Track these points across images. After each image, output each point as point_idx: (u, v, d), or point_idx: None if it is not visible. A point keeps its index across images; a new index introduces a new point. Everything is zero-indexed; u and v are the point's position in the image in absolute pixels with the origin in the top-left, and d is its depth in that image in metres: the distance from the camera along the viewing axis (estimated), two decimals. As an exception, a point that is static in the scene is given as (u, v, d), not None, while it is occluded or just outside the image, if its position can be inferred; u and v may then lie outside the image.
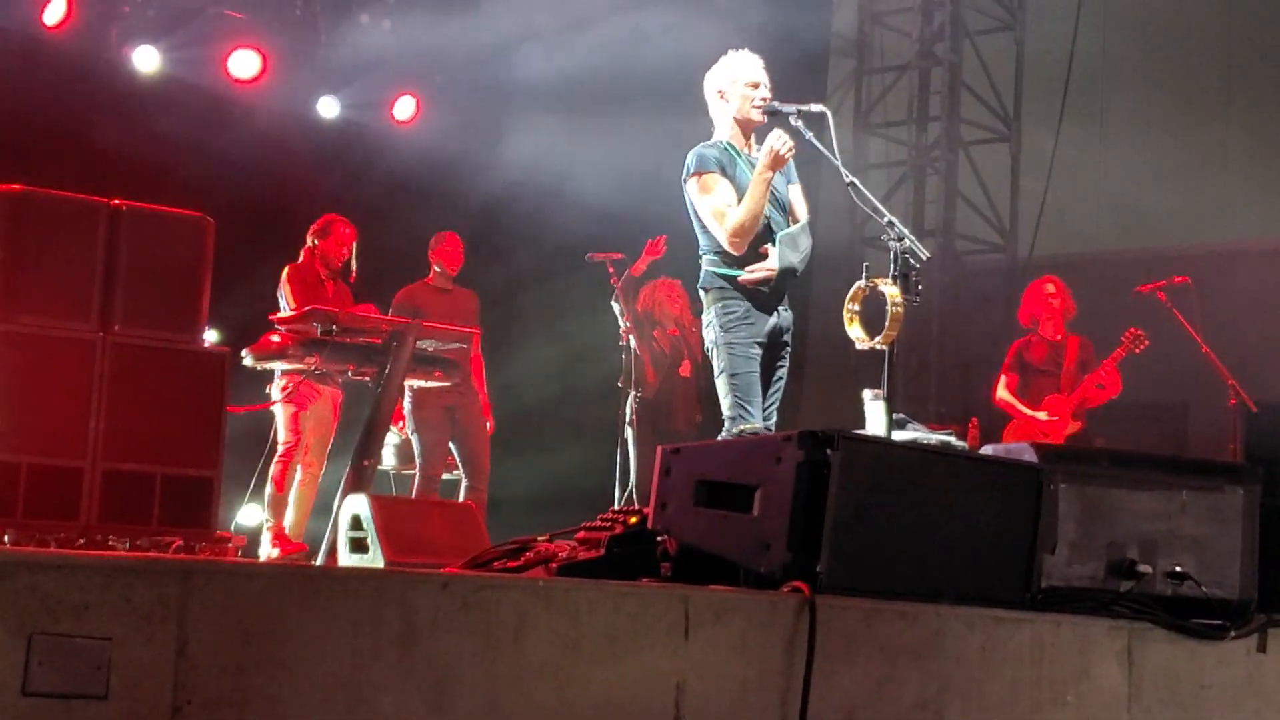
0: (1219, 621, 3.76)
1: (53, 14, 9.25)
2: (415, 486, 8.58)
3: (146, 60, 9.68)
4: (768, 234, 5.83)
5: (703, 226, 5.89)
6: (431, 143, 10.91)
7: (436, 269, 8.73)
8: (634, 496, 8.65)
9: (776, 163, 5.75)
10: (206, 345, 6.91)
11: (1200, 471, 3.93)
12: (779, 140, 5.72)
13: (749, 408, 5.71)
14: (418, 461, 8.57)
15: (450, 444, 8.59)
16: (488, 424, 8.72)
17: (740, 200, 5.78)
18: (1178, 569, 3.76)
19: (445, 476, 8.73)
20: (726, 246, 5.80)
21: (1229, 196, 13.36)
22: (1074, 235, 13.41)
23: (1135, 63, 13.66)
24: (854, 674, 3.42)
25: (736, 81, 5.94)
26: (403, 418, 8.47)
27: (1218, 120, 13.48)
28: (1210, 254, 12.44)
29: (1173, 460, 4.03)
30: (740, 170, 5.87)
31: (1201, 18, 13.53)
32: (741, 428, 5.67)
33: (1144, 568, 3.74)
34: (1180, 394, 11.28)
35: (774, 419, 5.88)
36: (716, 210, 5.79)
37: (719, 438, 5.75)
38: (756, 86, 5.96)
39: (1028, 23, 14.03)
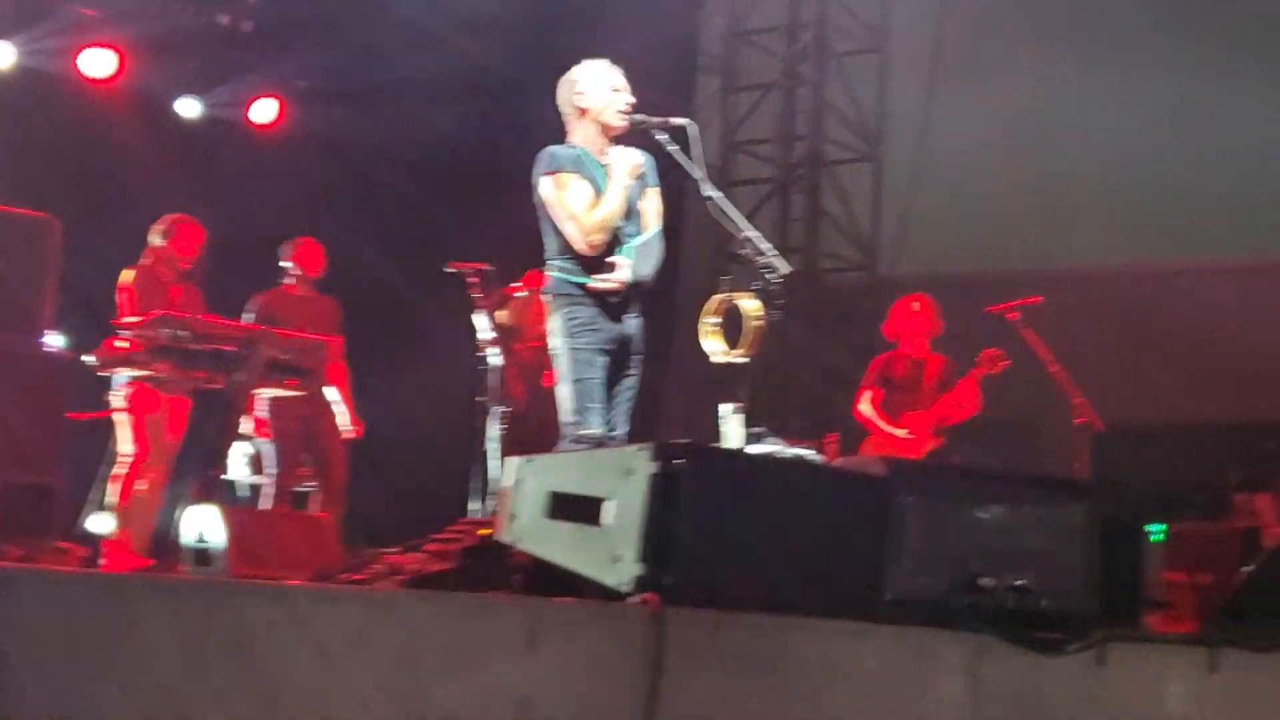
0: (1060, 635, 3.80)
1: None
2: (267, 497, 8.41)
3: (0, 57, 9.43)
4: (616, 243, 5.80)
5: (552, 229, 5.83)
6: (292, 146, 10.76)
7: (295, 275, 8.55)
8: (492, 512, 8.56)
9: (634, 173, 5.75)
10: (49, 349, 6.73)
11: (1044, 487, 3.98)
12: (632, 157, 5.75)
13: (590, 415, 5.66)
14: (270, 472, 8.41)
15: (305, 455, 8.44)
16: (355, 429, 8.57)
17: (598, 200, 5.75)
18: (1021, 583, 3.79)
19: (299, 488, 8.57)
20: (583, 246, 5.74)
21: (1081, 218, 13.64)
22: (934, 255, 13.58)
23: (996, 87, 13.87)
24: (700, 686, 3.40)
25: (600, 86, 5.90)
26: (261, 426, 8.30)
27: (1077, 143, 13.75)
28: (1063, 275, 12.69)
29: (1018, 476, 4.07)
30: (594, 177, 5.84)
31: (1063, 39, 13.77)
32: (581, 433, 5.62)
33: (988, 581, 3.77)
34: (1031, 413, 11.45)
35: (621, 428, 5.82)
36: (572, 210, 5.74)
37: (558, 446, 5.69)
38: (618, 91, 5.94)
39: (891, 45, 14.21)
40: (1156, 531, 5.26)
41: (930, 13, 13.38)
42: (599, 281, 5.72)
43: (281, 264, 8.55)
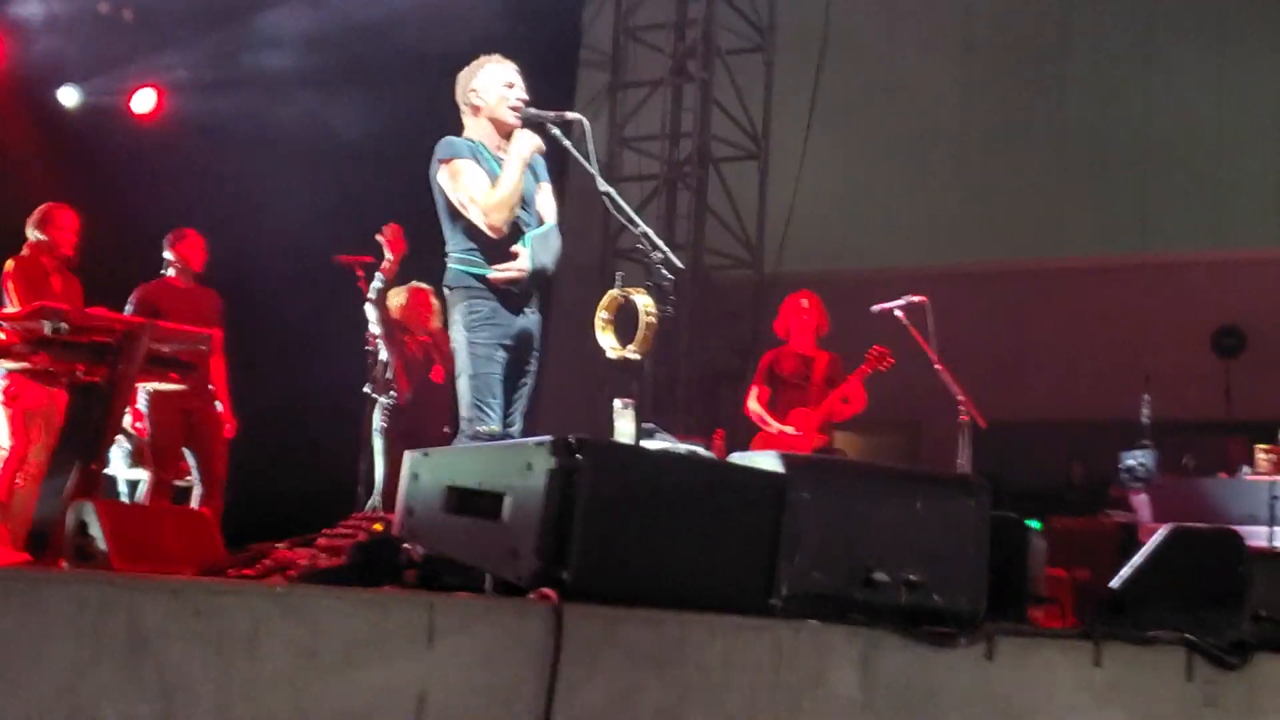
0: (951, 630, 3.85)
1: None
2: (146, 492, 8.27)
3: None
4: (517, 234, 5.79)
5: (452, 218, 5.80)
6: (172, 136, 10.60)
7: (177, 266, 8.41)
8: (379, 505, 8.49)
9: (534, 152, 5.75)
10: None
11: (935, 483, 4.03)
12: (532, 137, 5.76)
13: (487, 410, 5.65)
14: (150, 466, 8.27)
15: (185, 449, 8.31)
16: (228, 427, 8.46)
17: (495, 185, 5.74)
18: (913, 578, 3.84)
19: (179, 483, 8.44)
20: (485, 227, 5.72)
21: (964, 218, 13.88)
22: (818, 253, 13.75)
23: (877, 87, 14.09)
24: (597, 682, 3.40)
25: (492, 82, 5.91)
26: (139, 420, 8.16)
27: (955, 143, 13.98)
28: (945, 274, 12.89)
29: (910, 472, 4.12)
30: (490, 167, 5.83)
31: (941, 43, 14.02)
32: (479, 429, 5.60)
33: (881, 576, 3.81)
34: (913, 411, 11.63)
35: (518, 425, 5.83)
36: (471, 194, 5.71)
37: (456, 441, 5.68)
38: (511, 87, 5.94)
39: (777, 45, 14.34)
40: (1033, 527, 5.36)
41: (816, 12, 13.52)
42: (499, 271, 5.71)
43: (164, 255, 8.41)
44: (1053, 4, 13.83)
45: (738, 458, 4.17)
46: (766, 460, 3.93)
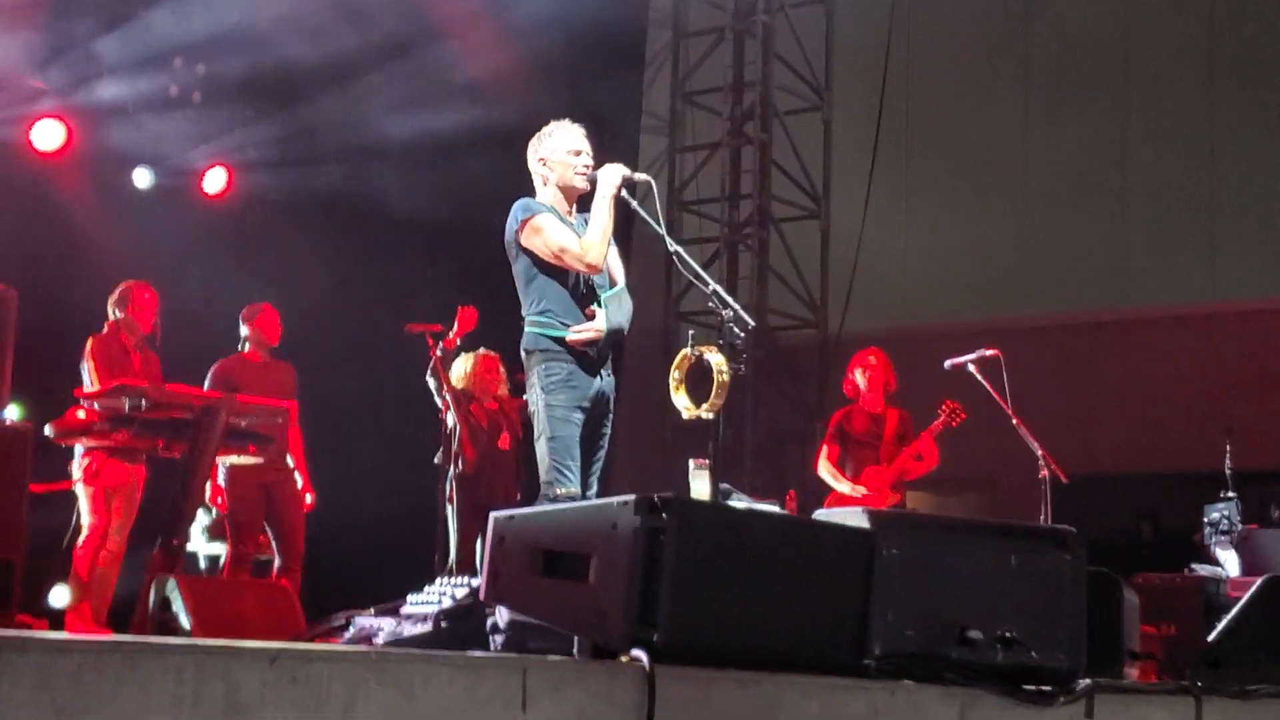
0: (1048, 687, 3.79)
1: None
2: (226, 566, 8.31)
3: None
4: (592, 295, 5.81)
5: (529, 281, 5.82)
6: (242, 214, 10.75)
7: (254, 341, 8.49)
8: (453, 573, 8.49)
9: (621, 184, 5.77)
10: (7, 422, 6.65)
11: (1028, 537, 3.98)
12: (617, 169, 5.79)
13: (567, 471, 5.63)
14: (229, 540, 8.31)
15: (264, 522, 8.36)
16: (308, 498, 8.51)
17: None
18: (1008, 634, 3.78)
19: (259, 556, 8.48)
20: (584, 268, 5.74)
21: (1028, 271, 13.79)
22: (883, 310, 13.71)
23: (937, 141, 14.08)
24: (692, 745, 3.37)
25: (559, 149, 5.93)
26: (219, 494, 8.21)
27: (1017, 195, 13.94)
28: (1011, 327, 12.80)
29: (1001, 526, 4.07)
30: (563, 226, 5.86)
31: (1001, 95, 13.99)
32: (559, 492, 5.58)
33: (975, 633, 3.76)
34: (987, 466, 11.53)
35: (594, 489, 5.80)
36: (562, 242, 5.74)
37: (537, 503, 5.66)
38: (579, 154, 5.96)
39: (834, 103, 14.37)
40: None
41: (874, 69, 13.54)
42: (577, 333, 5.72)
43: (240, 331, 8.50)
44: (1112, 51, 13.78)
45: (820, 515, 4.14)
46: (851, 518, 3.90)
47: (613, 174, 5.80)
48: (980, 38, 14.11)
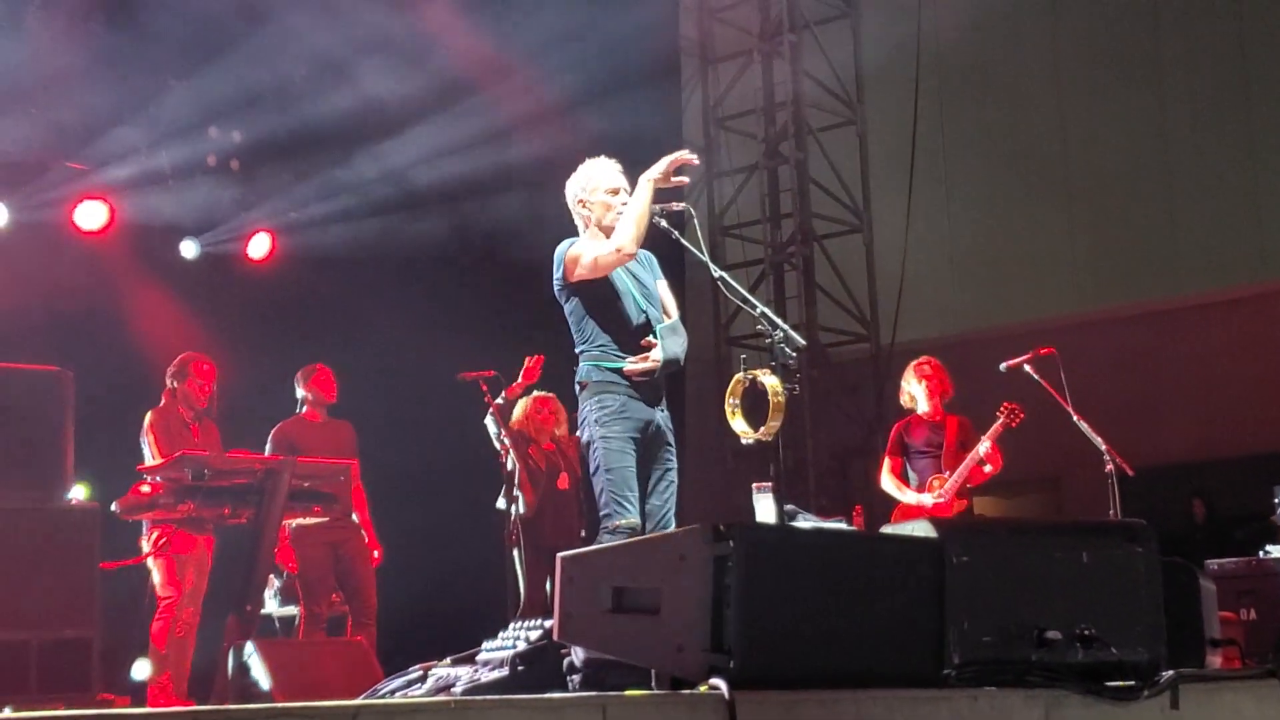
0: (1131, 682, 3.76)
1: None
2: (300, 627, 8.35)
3: (-2, 217, 9.55)
4: (647, 328, 5.81)
5: (581, 318, 5.83)
6: (288, 277, 10.85)
7: (311, 401, 8.55)
8: (526, 615, 8.50)
9: (669, 170, 5.70)
10: (74, 502, 6.72)
11: (1098, 533, 3.95)
12: (661, 162, 5.72)
13: (625, 503, 5.60)
14: (301, 600, 8.36)
15: (335, 581, 8.40)
16: (375, 554, 8.54)
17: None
18: (1086, 632, 3.75)
19: (334, 613, 8.53)
20: (621, 258, 5.73)
21: (1077, 267, 13.70)
22: (933, 318, 13.65)
23: (974, 143, 14.02)
24: (780, 768, 3.35)
25: (596, 188, 5.93)
26: (289, 556, 8.26)
27: (1059, 191, 13.85)
28: (1063, 325, 12.72)
29: (1070, 525, 4.05)
30: (613, 275, 5.88)
31: (1035, 92, 13.92)
32: (618, 523, 5.57)
33: (1053, 634, 3.73)
34: (1052, 465, 11.44)
35: (671, 524, 5.75)
36: (594, 254, 5.74)
37: (598, 537, 5.64)
38: (616, 193, 5.95)
39: (867, 115, 14.35)
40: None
41: (905, 78, 13.52)
42: (635, 363, 5.73)
43: (297, 393, 8.56)
44: (1143, 39, 13.68)
45: (887, 530, 4.13)
46: (917, 529, 3.88)
47: (667, 160, 5.74)
48: (1009, 35, 14.05)
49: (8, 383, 6.43)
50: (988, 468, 8.49)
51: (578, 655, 4.14)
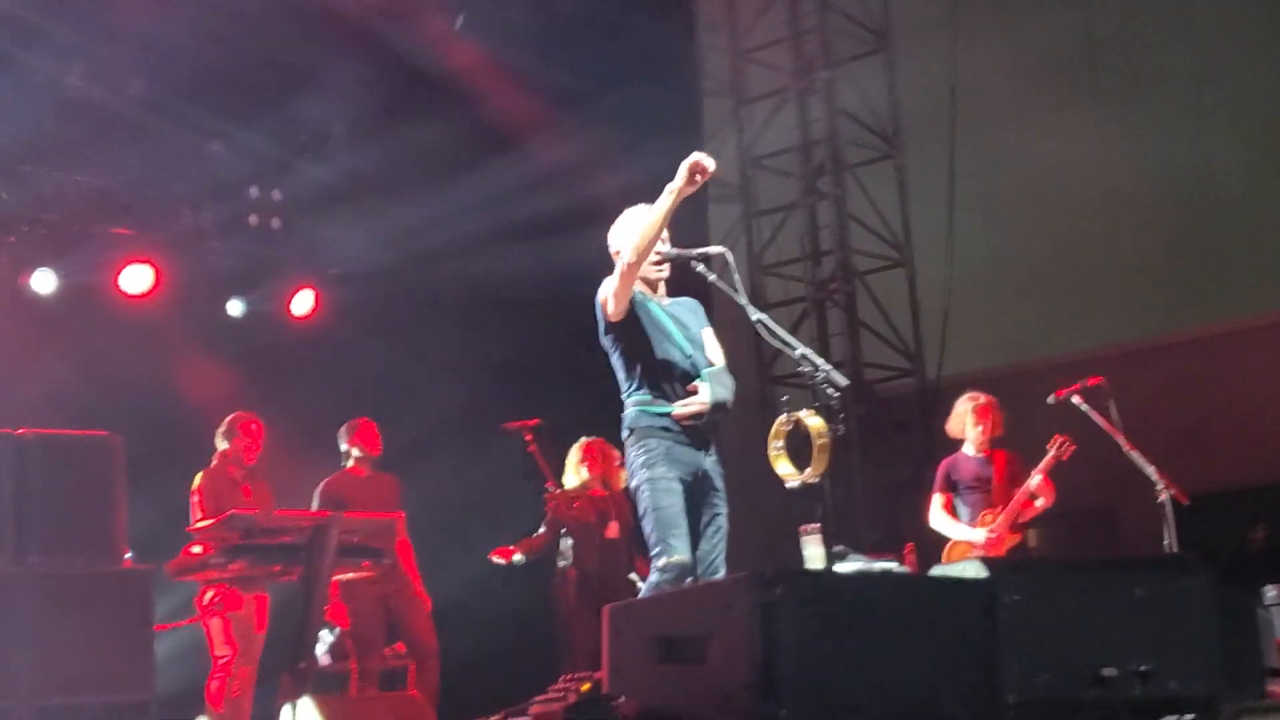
0: (1191, 716, 3.71)
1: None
2: (354, 682, 8.36)
3: (44, 283, 9.62)
4: (693, 372, 5.80)
5: (628, 365, 5.83)
6: (332, 331, 10.92)
7: (357, 455, 8.58)
8: (578, 668, 8.48)
9: (693, 174, 5.61)
10: (127, 566, 6.76)
11: (1150, 567, 3.91)
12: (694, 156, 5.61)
13: (673, 540, 5.56)
14: (354, 655, 8.36)
15: (385, 635, 8.41)
16: (426, 602, 8.55)
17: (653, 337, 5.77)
18: (1144, 668, 3.70)
19: (391, 666, 8.54)
20: (634, 268, 5.69)
21: (1123, 296, 13.58)
22: (979, 351, 13.55)
23: (1013, 172, 13.94)
24: (835, 817, 3.32)
25: (632, 237, 5.93)
26: (341, 611, 8.28)
27: (1101, 220, 13.75)
28: (1111, 354, 12.61)
29: (1122, 560, 4.02)
30: (654, 308, 5.88)
31: (1073, 117, 13.83)
32: (667, 560, 5.53)
33: (1110, 671, 3.69)
34: (1106, 496, 11.31)
35: (721, 571, 5.72)
36: (615, 281, 5.72)
37: (650, 578, 5.61)
38: None
39: (905, 147, 14.32)
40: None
41: (941, 108, 13.48)
42: (682, 407, 5.71)
43: (341, 447, 8.59)
44: (1181, 56, 13.58)
45: (937, 570, 4.09)
46: (968, 569, 3.85)
47: (684, 167, 5.62)
48: (1045, 63, 13.99)
49: (60, 450, 6.51)
50: (1040, 501, 8.42)
51: (629, 707, 4.12)
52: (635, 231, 5.72)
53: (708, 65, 15.03)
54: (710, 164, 5.61)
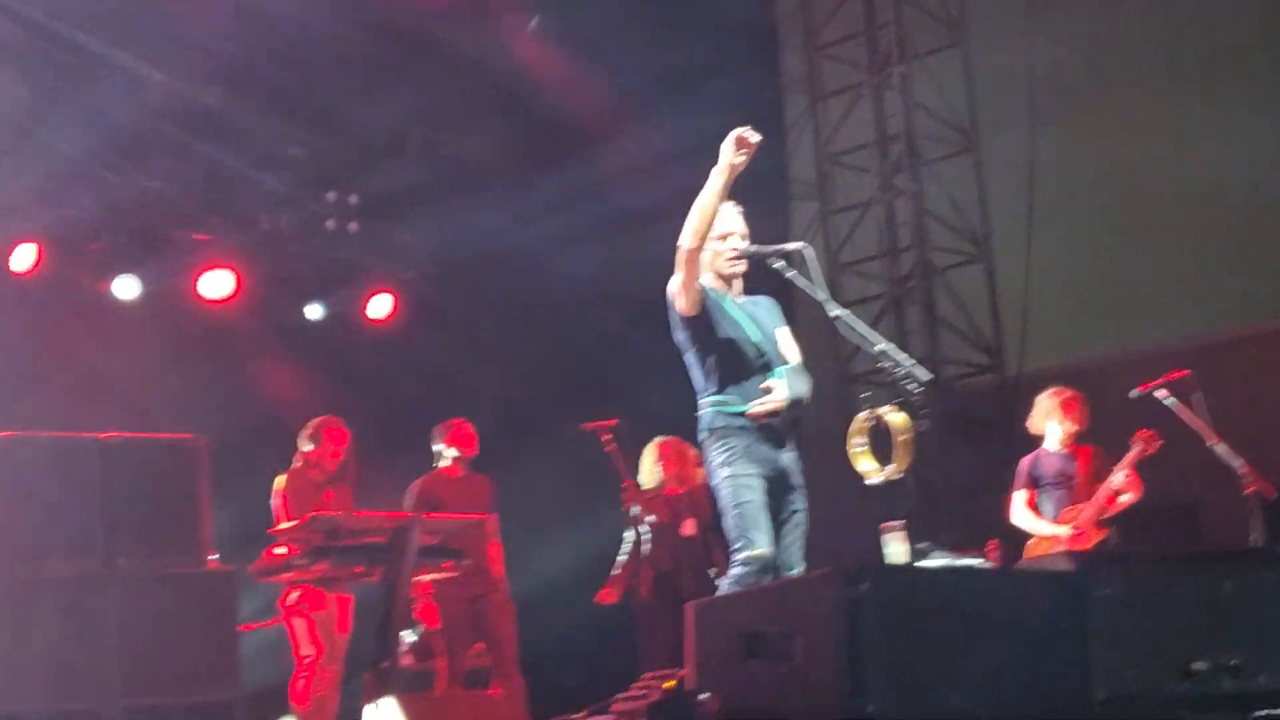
0: (1283, 710, 3.66)
1: (21, 260, 9.32)
2: (439, 681, 8.39)
3: (127, 289, 9.74)
4: (768, 370, 5.78)
5: (703, 363, 5.81)
6: (412, 334, 10.99)
7: (452, 456, 8.60)
8: (656, 667, 8.48)
9: (739, 147, 5.59)
10: (212, 567, 6.84)
11: (1237, 560, 3.86)
12: (729, 140, 5.59)
13: (754, 534, 5.54)
14: (442, 655, 8.40)
15: (474, 635, 8.44)
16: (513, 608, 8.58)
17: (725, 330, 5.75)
18: (1233, 662, 3.65)
19: (475, 666, 8.58)
20: (690, 255, 5.68)
21: (1206, 287, 13.37)
22: (1061, 345, 13.41)
23: (1092, 162, 13.78)
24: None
25: (709, 236, 5.90)
26: (431, 611, 8.32)
27: (1180, 207, 13.54)
28: (1194, 346, 12.42)
29: (1209, 553, 3.96)
30: (729, 305, 5.86)
31: (1152, 101, 13.64)
32: (747, 554, 5.51)
33: (1199, 665, 3.64)
34: (1189, 491, 11.16)
35: (800, 566, 5.70)
36: (677, 276, 5.72)
37: (731, 571, 5.59)
38: (726, 239, 5.93)
39: (983, 142, 14.19)
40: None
41: (1018, 101, 13.36)
42: (759, 405, 5.69)
43: (434, 447, 8.62)
44: (1263, 56, 13.36)
45: (1022, 565, 4.06)
46: (1054, 563, 3.82)
47: (727, 142, 5.62)
48: (1121, 45, 13.81)
49: (147, 453, 6.60)
50: (1125, 497, 8.32)
51: (712, 705, 4.11)
52: (691, 215, 5.69)
53: (784, 61, 14.97)
54: (753, 135, 5.58)
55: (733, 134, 5.58)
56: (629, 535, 8.75)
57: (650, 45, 11.36)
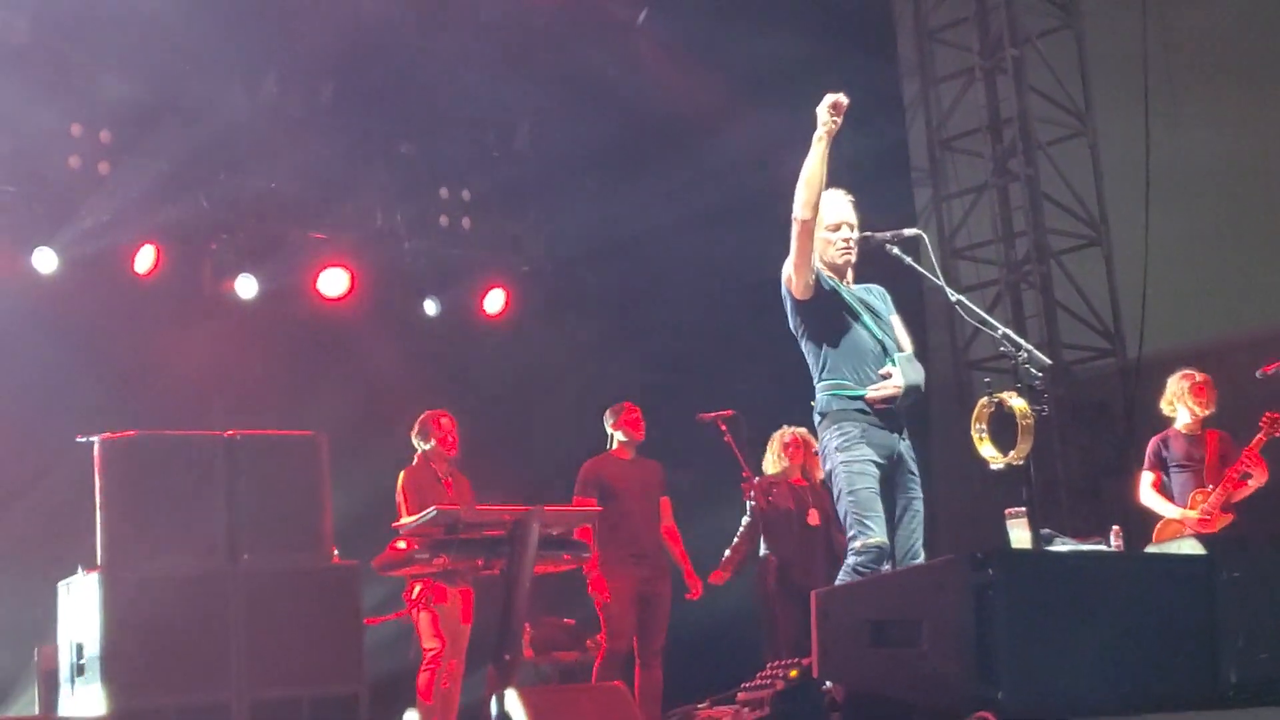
0: None
1: (142, 262, 9.49)
2: (598, 663, 8.38)
3: (247, 288, 9.88)
4: (884, 356, 5.75)
5: (818, 349, 5.79)
6: (523, 329, 11.04)
7: (621, 439, 8.61)
8: (779, 655, 8.44)
9: (835, 111, 5.62)
10: (336, 561, 6.90)
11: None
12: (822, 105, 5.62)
13: (869, 522, 5.53)
14: (604, 636, 8.41)
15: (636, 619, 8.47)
16: (694, 588, 8.61)
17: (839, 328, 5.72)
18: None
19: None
20: (805, 228, 5.68)
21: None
22: (1181, 327, 13.16)
23: (1210, 143, 13.51)
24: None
25: (820, 223, 5.87)
26: (601, 587, 8.31)
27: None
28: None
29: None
30: (844, 291, 5.84)
31: (1270, 79, 13.36)
32: (863, 542, 5.48)
33: (1336, 649, 3.56)
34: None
35: (920, 555, 5.65)
36: (792, 257, 5.72)
37: (847, 560, 5.55)
38: (838, 229, 5.90)
39: (1097, 124, 13.98)
40: None
41: (1133, 82, 13.12)
42: (875, 391, 5.67)
43: (607, 430, 8.65)
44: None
45: (1151, 549, 3.99)
46: (1184, 546, 3.75)
47: (821, 108, 5.67)
48: (1236, 22, 13.52)
49: (268, 450, 6.65)
50: (1252, 480, 8.16)
51: (838, 692, 4.09)
52: (799, 187, 5.67)
53: (898, 47, 14.87)
54: (843, 97, 5.63)
55: (826, 99, 5.63)
56: (745, 520, 8.75)
57: (763, 34, 11.31)
